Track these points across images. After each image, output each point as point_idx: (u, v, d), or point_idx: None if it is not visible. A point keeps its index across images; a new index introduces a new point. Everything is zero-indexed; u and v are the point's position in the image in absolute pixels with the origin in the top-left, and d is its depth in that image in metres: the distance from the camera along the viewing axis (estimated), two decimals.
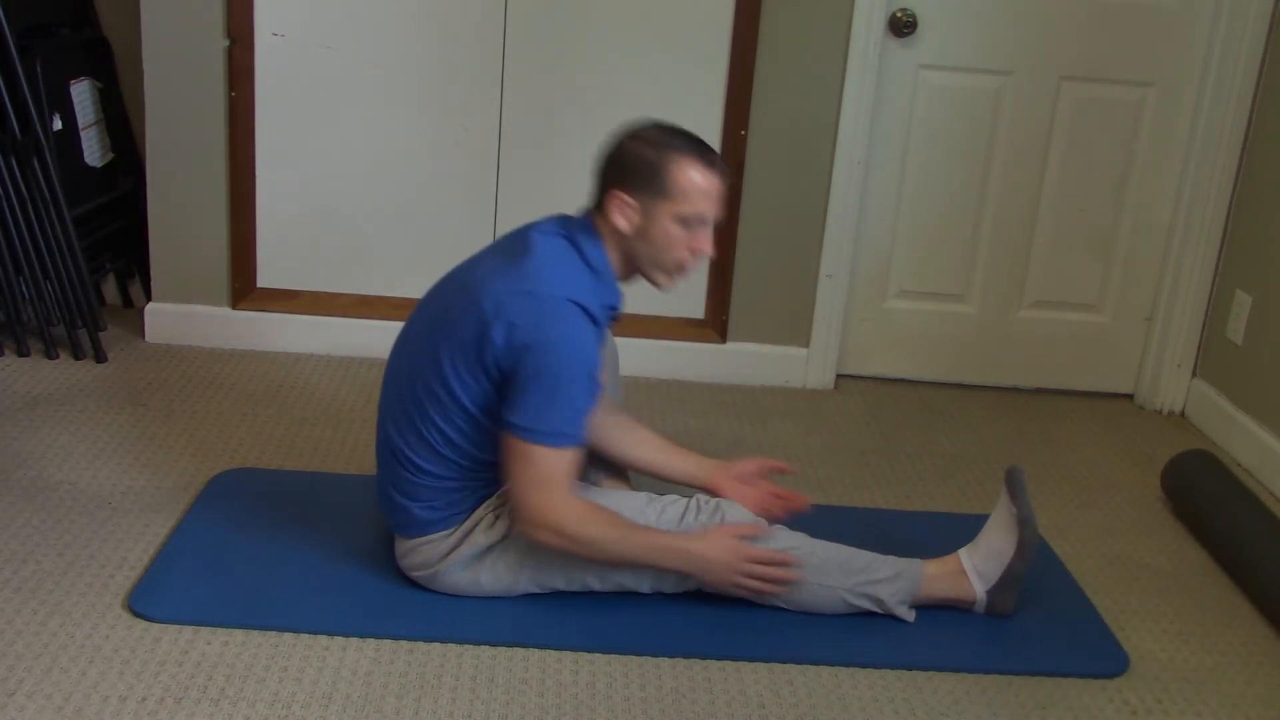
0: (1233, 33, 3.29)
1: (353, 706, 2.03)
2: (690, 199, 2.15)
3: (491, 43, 3.28)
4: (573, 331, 2.12)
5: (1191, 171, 3.43)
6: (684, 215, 2.15)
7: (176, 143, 3.33)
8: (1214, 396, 3.43)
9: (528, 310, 2.11)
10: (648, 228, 2.17)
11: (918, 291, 3.58)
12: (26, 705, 1.96)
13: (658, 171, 2.15)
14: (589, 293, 2.16)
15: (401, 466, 2.26)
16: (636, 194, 2.16)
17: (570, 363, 2.11)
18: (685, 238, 2.17)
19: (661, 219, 2.16)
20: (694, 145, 2.18)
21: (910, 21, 3.31)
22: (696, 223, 2.17)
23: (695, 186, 2.15)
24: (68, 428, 2.91)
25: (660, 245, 2.18)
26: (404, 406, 2.25)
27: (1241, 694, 2.27)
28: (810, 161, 3.39)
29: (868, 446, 3.20)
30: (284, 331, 3.47)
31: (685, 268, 2.22)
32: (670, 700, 2.11)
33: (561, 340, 2.11)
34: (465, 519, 2.26)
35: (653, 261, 2.21)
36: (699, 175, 2.15)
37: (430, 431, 2.21)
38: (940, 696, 2.17)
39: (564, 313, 2.12)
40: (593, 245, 2.20)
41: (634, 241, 2.19)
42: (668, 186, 2.15)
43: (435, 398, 2.19)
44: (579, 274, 2.17)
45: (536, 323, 2.10)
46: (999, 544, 2.35)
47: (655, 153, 2.16)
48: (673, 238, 2.17)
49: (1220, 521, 2.71)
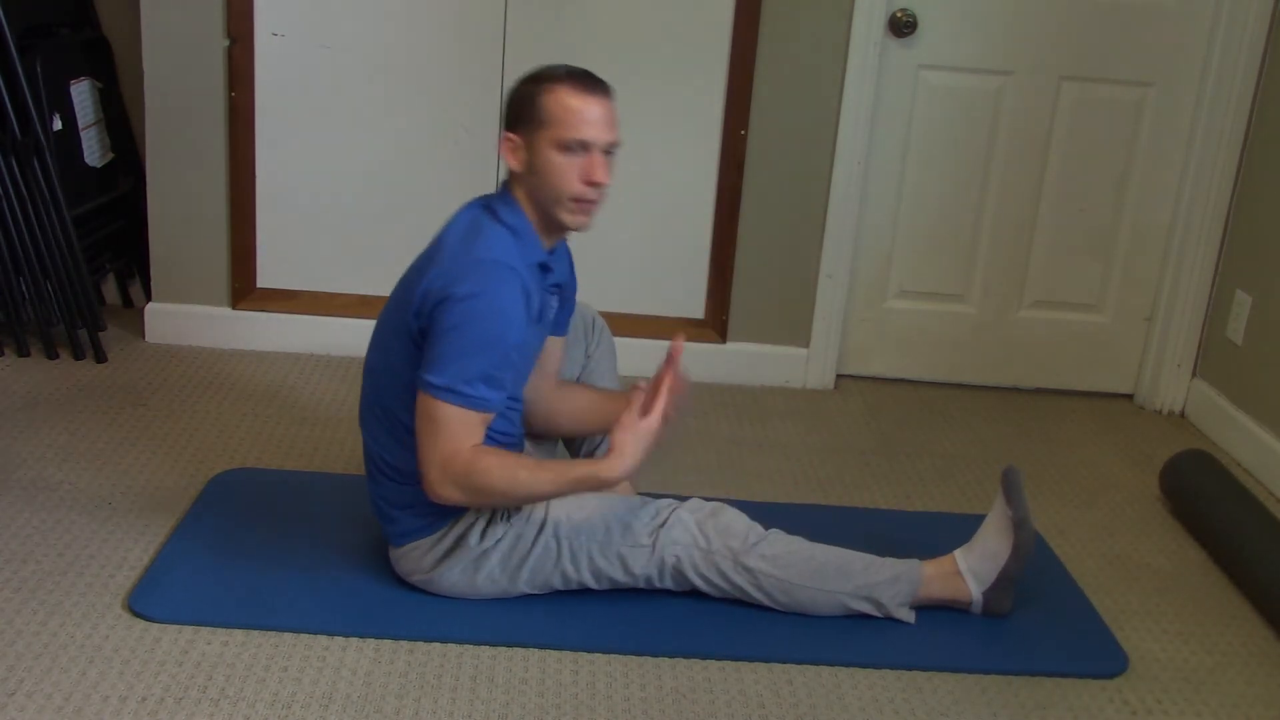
0: (1233, 33, 3.29)
1: (353, 706, 2.03)
2: (565, 123, 2.12)
3: (491, 43, 3.28)
4: (489, 289, 2.09)
5: (1191, 171, 3.43)
6: (562, 140, 2.12)
7: (176, 143, 3.33)
8: (1214, 396, 3.43)
9: (443, 272, 2.12)
10: (533, 161, 2.15)
11: (918, 291, 3.58)
12: (26, 705, 1.96)
13: (533, 102, 2.14)
14: (512, 252, 2.14)
15: (382, 474, 2.27)
16: (519, 130, 2.16)
17: (482, 318, 2.08)
18: (571, 166, 2.14)
19: (543, 149, 2.14)
20: (568, 73, 2.16)
21: (910, 21, 3.31)
22: (578, 148, 2.13)
23: (568, 110, 2.12)
24: (68, 428, 2.91)
25: (548, 177, 2.15)
26: (375, 412, 2.27)
27: (1241, 694, 2.27)
28: (810, 161, 3.39)
29: (868, 446, 3.20)
30: (284, 331, 3.47)
31: (583, 199, 2.16)
32: (670, 700, 2.11)
33: (474, 297, 2.08)
34: (451, 522, 2.25)
35: (550, 198, 2.17)
36: (573, 98, 2.13)
37: (400, 432, 2.21)
38: (940, 696, 2.17)
39: (481, 271, 2.10)
40: (508, 208, 2.19)
41: (529, 180, 2.17)
42: (542, 114, 2.13)
43: (398, 396, 2.20)
44: (496, 235, 2.15)
45: (451, 280, 2.10)
46: (994, 546, 2.35)
47: (531, 85, 2.16)
48: (557, 166, 2.14)
49: (1219, 521, 2.71)
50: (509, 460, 2.17)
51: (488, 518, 2.25)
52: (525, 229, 2.19)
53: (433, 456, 2.12)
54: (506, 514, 2.24)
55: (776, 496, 2.87)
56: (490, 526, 2.25)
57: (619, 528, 2.27)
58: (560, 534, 2.26)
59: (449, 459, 2.11)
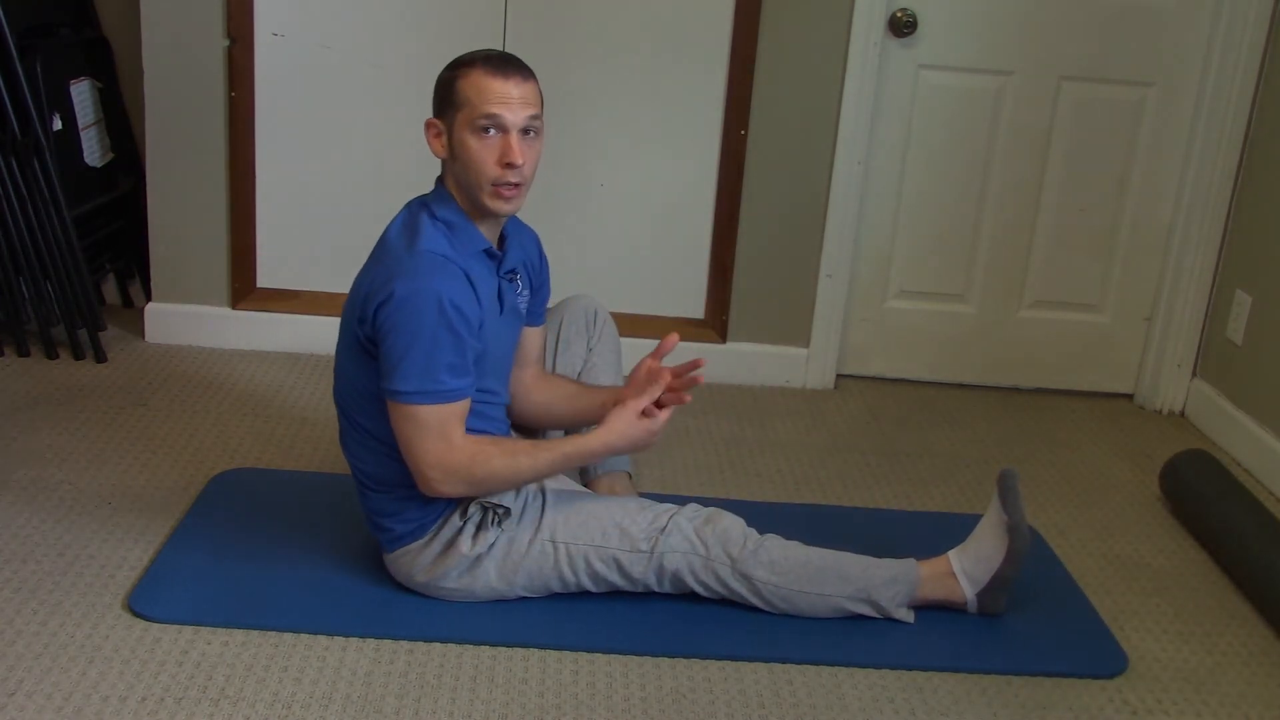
0: (1233, 33, 3.29)
1: (353, 706, 2.03)
2: (477, 104, 2.12)
3: (491, 42, 3.28)
4: (425, 282, 2.08)
5: (1191, 171, 3.43)
6: (475, 121, 2.12)
7: (176, 143, 3.33)
8: (1214, 396, 3.43)
9: (378, 277, 2.12)
10: (453, 146, 2.16)
11: (918, 291, 3.58)
12: (26, 705, 1.96)
13: (450, 86, 2.15)
14: (438, 241, 2.14)
15: (364, 486, 2.28)
16: (439, 117, 2.17)
17: (426, 310, 2.07)
18: (488, 148, 2.13)
19: (460, 132, 2.14)
20: (483, 56, 2.16)
21: (910, 21, 3.31)
22: (493, 128, 2.13)
23: (481, 90, 2.12)
24: (68, 428, 2.91)
25: (467, 160, 2.14)
26: (344, 424, 2.28)
27: (1241, 694, 2.27)
28: (810, 161, 3.39)
29: (868, 446, 3.20)
30: (284, 331, 3.47)
31: (501, 181, 2.14)
32: (670, 700, 2.11)
33: (414, 294, 2.08)
34: (437, 525, 2.25)
35: (470, 182, 2.16)
36: (485, 79, 2.12)
37: (370, 442, 2.22)
38: (940, 696, 2.17)
39: (412, 267, 2.10)
40: (440, 203, 2.19)
41: (454, 168, 2.18)
42: (458, 97, 2.14)
43: (358, 405, 2.22)
44: (429, 231, 2.15)
45: (386, 280, 2.10)
46: (988, 548, 2.35)
47: (450, 71, 2.17)
48: (474, 149, 2.13)
49: (1219, 521, 2.71)
50: (507, 446, 2.19)
51: (477, 523, 2.24)
52: (459, 221, 2.19)
53: (426, 459, 2.12)
54: (498, 519, 2.24)
55: (776, 496, 2.87)
56: (480, 532, 2.24)
57: (616, 532, 2.27)
58: (557, 538, 2.26)
59: (443, 456, 2.12)
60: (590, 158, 3.40)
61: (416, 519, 2.24)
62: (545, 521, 2.27)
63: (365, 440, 2.24)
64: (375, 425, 2.21)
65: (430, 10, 3.27)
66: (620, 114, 3.37)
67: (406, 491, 2.22)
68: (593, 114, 3.34)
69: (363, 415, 2.22)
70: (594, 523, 2.27)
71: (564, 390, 2.49)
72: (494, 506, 2.23)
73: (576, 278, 3.23)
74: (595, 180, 3.41)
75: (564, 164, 3.34)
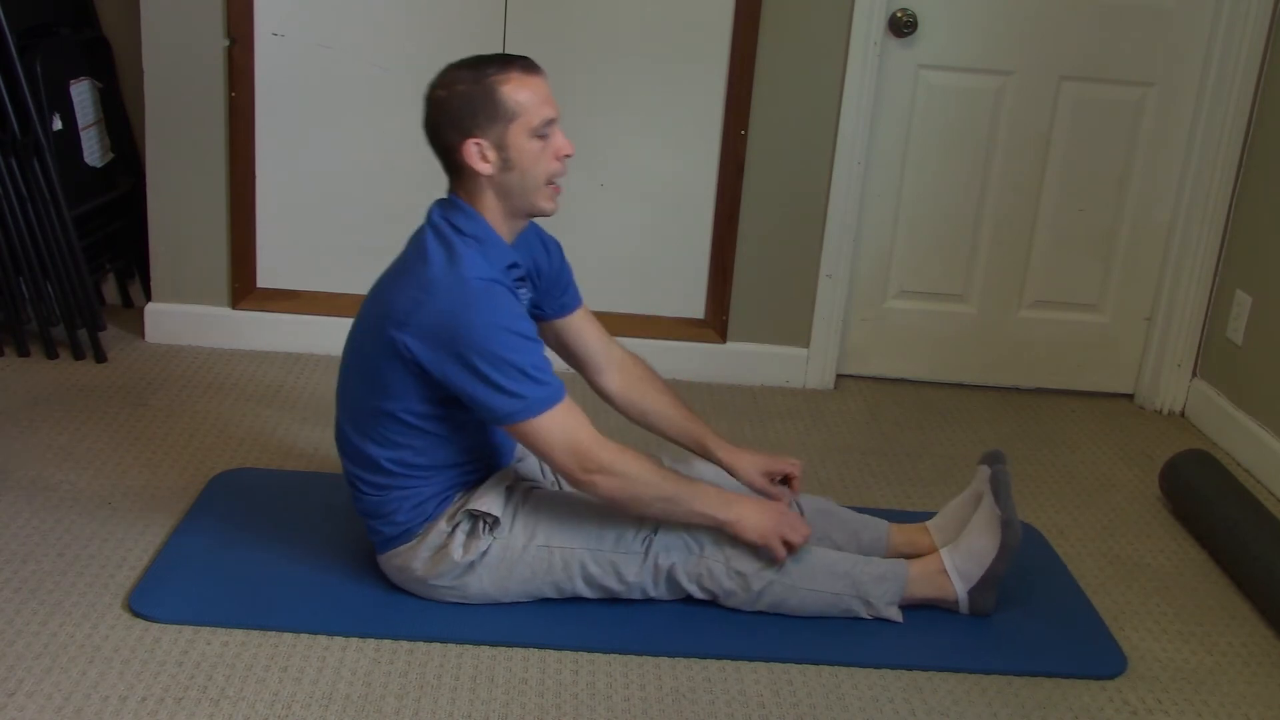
0: (1233, 33, 3.29)
1: (353, 706, 2.03)
2: (533, 109, 2.13)
3: (491, 42, 3.28)
4: (475, 303, 2.09)
5: (1191, 171, 3.43)
6: (534, 127, 2.13)
7: (176, 143, 3.33)
8: (1214, 396, 3.43)
9: (435, 313, 2.09)
10: (509, 156, 2.14)
11: (918, 291, 3.58)
12: (26, 705, 1.96)
13: (491, 100, 2.12)
14: (479, 264, 2.13)
15: (355, 487, 2.28)
16: (483, 132, 2.13)
17: (493, 332, 2.08)
18: (545, 149, 2.16)
19: (518, 141, 2.13)
20: (504, 61, 2.15)
21: (910, 21, 3.31)
22: (547, 130, 2.15)
23: (530, 95, 2.13)
24: (68, 428, 2.91)
25: (528, 167, 2.15)
26: (342, 426, 2.28)
27: (1241, 694, 2.27)
28: (810, 161, 3.39)
29: (868, 446, 3.20)
30: (284, 331, 3.47)
31: (557, 177, 2.19)
32: (670, 700, 2.11)
33: (474, 320, 2.08)
34: (423, 529, 2.24)
35: (529, 187, 2.17)
36: (527, 84, 2.13)
37: (364, 441, 2.22)
38: (940, 696, 2.17)
39: (461, 293, 2.09)
40: (467, 219, 2.17)
41: (503, 178, 2.16)
42: (505, 108, 2.12)
43: (365, 409, 2.21)
44: (464, 251, 2.14)
45: (445, 320, 2.08)
46: (980, 545, 2.35)
47: (477, 86, 2.12)
48: (534, 153, 2.14)
49: (1219, 521, 2.71)
50: (654, 462, 2.23)
51: (467, 531, 2.24)
52: (488, 235, 2.18)
53: (569, 463, 2.14)
54: (488, 527, 2.24)
55: None
56: (471, 540, 2.24)
57: (611, 535, 2.27)
58: (551, 543, 2.26)
59: (587, 449, 2.13)
60: (590, 158, 3.39)
61: (404, 522, 2.24)
62: (538, 527, 2.27)
63: (373, 454, 2.21)
64: (386, 443, 2.21)
65: (430, 10, 3.27)
66: (620, 114, 3.37)
67: (396, 494, 2.23)
68: (593, 114, 3.34)
69: (378, 430, 2.20)
70: (587, 525, 2.28)
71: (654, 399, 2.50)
72: (484, 515, 2.23)
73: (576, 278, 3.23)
74: (595, 180, 3.41)
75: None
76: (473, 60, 2.16)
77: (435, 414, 2.19)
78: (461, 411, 2.19)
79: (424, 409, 2.18)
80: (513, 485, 2.32)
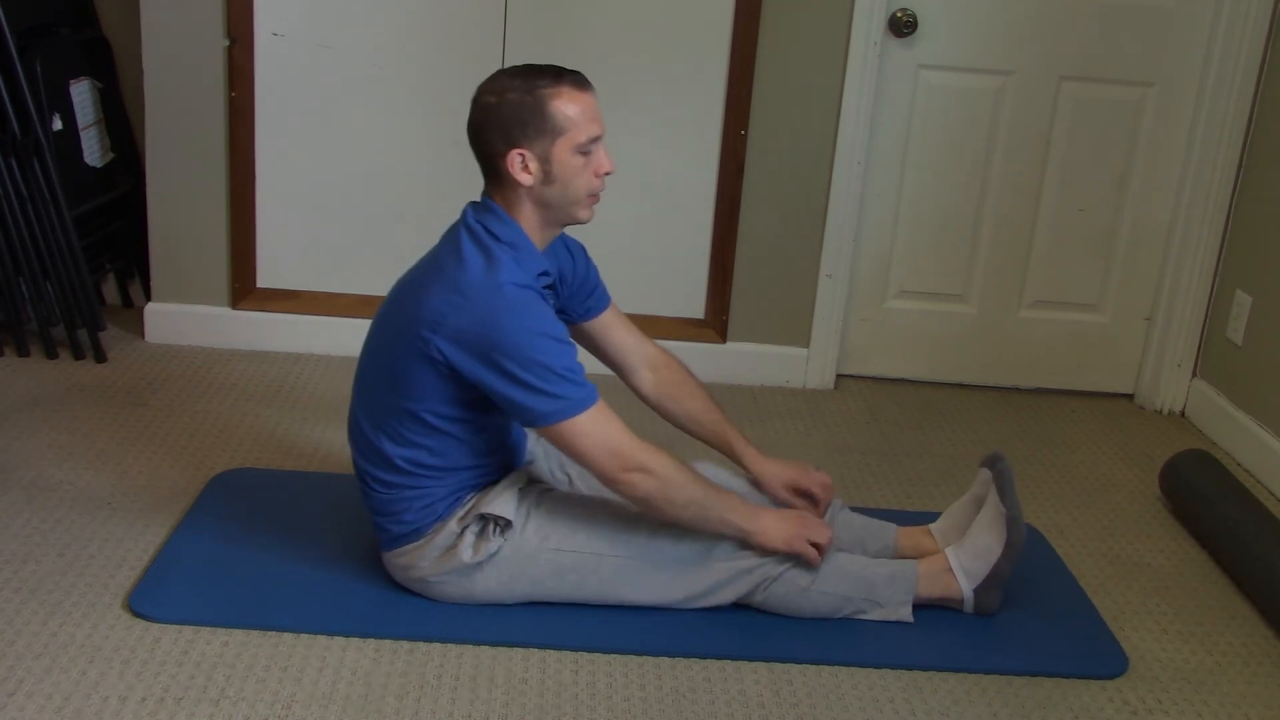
0: (1233, 33, 3.29)
1: (353, 706, 2.03)
2: (581, 126, 2.13)
3: (491, 42, 3.28)
4: (510, 309, 2.09)
5: (1191, 171, 3.43)
6: (580, 143, 2.13)
7: (176, 143, 3.33)
8: (1214, 396, 3.43)
9: (470, 316, 2.09)
10: (552, 170, 2.14)
11: (918, 291, 3.58)
12: (26, 705, 1.96)
13: (540, 113, 2.11)
14: (515, 270, 2.14)
15: (365, 484, 2.27)
16: (529, 144, 2.12)
17: (528, 336, 2.09)
18: (588, 165, 2.16)
19: (562, 156, 2.13)
20: (557, 74, 2.14)
21: (910, 21, 3.31)
22: (593, 144, 2.16)
23: (580, 113, 2.13)
24: (68, 428, 2.91)
25: (569, 182, 2.15)
26: (358, 422, 2.26)
27: (1241, 694, 2.27)
28: (810, 161, 3.39)
29: (868, 446, 3.20)
30: (284, 331, 3.47)
31: (597, 192, 2.20)
32: (670, 700, 2.11)
33: (509, 325, 2.08)
34: (433, 529, 2.24)
35: (568, 200, 2.17)
36: (577, 100, 2.13)
37: (380, 438, 2.22)
38: (940, 696, 2.18)
39: (498, 300, 2.09)
40: (503, 225, 2.17)
41: (543, 190, 2.16)
42: (557, 123, 2.11)
43: (386, 407, 2.20)
44: (501, 258, 2.14)
45: (480, 325, 2.08)
46: (985, 542, 2.35)
47: (528, 97, 2.12)
48: (577, 169, 2.15)
49: (1219, 521, 2.71)
50: (686, 466, 2.23)
51: (477, 532, 2.24)
52: (522, 243, 2.18)
53: (607, 463, 2.14)
54: (499, 529, 2.24)
55: None
56: (482, 541, 2.24)
57: (622, 542, 2.27)
58: (564, 546, 2.26)
59: (623, 450, 2.14)
60: None
61: (412, 521, 2.24)
62: (551, 530, 2.26)
63: (388, 452, 2.21)
64: (404, 443, 2.20)
65: (430, 10, 3.27)
66: (620, 114, 3.35)
67: (408, 493, 2.22)
68: None
69: (395, 427, 2.20)
70: (601, 530, 2.27)
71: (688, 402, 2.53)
72: (495, 517, 2.23)
73: None
74: None
75: None
76: (525, 69, 2.16)
77: (458, 416, 2.18)
78: (483, 415, 2.19)
79: (448, 410, 2.17)
80: (525, 488, 2.32)
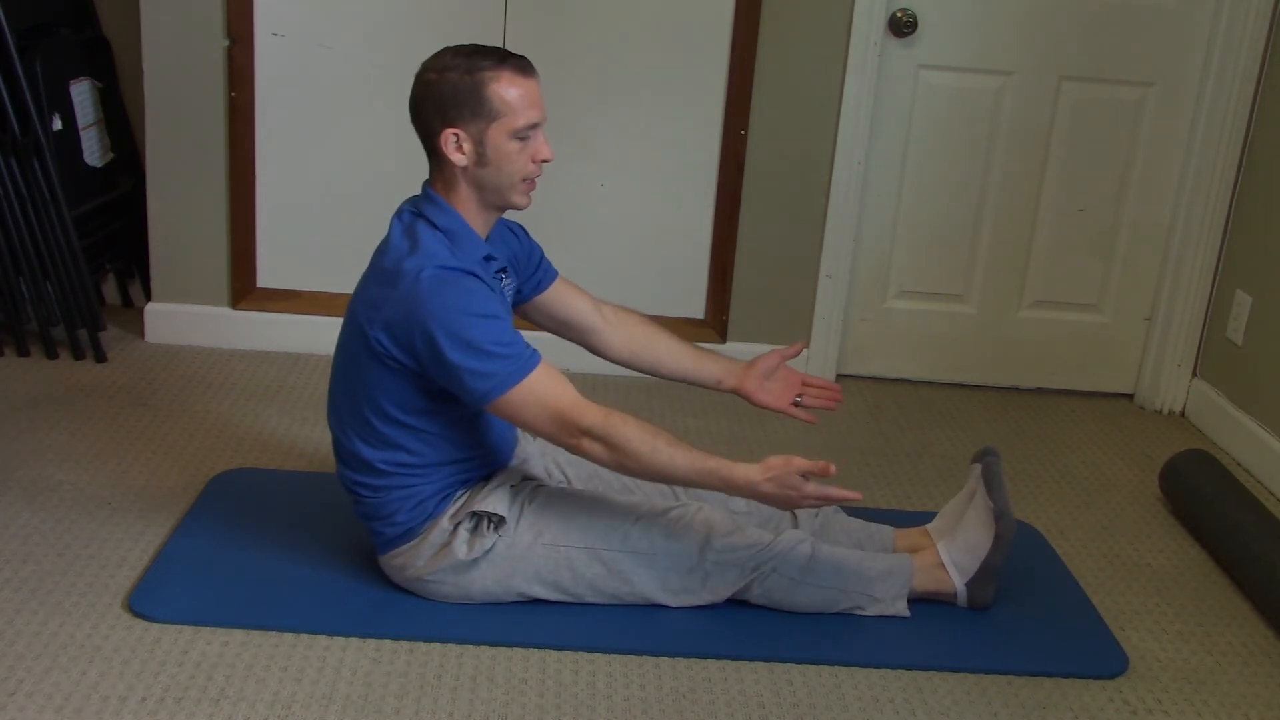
0: (1233, 33, 3.29)
1: (353, 706, 2.03)
2: (519, 111, 2.11)
3: (491, 42, 3.27)
4: (431, 291, 2.07)
5: (1191, 171, 3.43)
6: (516, 128, 2.12)
7: (176, 143, 3.33)
8: (1214, 396, 3.43)
9: (395, 304, 2.09)
10: (485, 153, 2.13)
11: (918, 291, 3.58)
12: (26, 705, 1.96)
13: (478, 94, 2.10)
14: (443, 253, 2.12)
15: (352, 492, 2.28)
16: (464, 125, 2.11)
17: (450, 315, 2.06)
18: (523, 150, 2.14)
19: (497, 140, 2.12)
20: (501, 57, 2.13)
21: (910, 21, 3.31)
22: (530, 131, 2.14)
23: (519, 97, 2.11)
24: (68, 428, 2.91)
25: (503, 166, 2.14)
26: (335, 429, 2.27)
27: (1241, 694, 2.27)
28: (810, 161, 3.39)
29: (868, 446, 3.20)
30: (284, 331, 3.47)
31: (533, 178, 2.18)
32: (670, 700, 2.11)
33: (431, 307, 2.06)
34: (425, 528, 2.24)
35: (503, 185, 2.16)
36: (518, 86, 2.12)
37: (356, 444, 2.22)
38: (940, 696, 2.18)
39: (417, 285, 2.08)
40: (439, 210, 2.17)
41: (477, 172, 2.14)
42: (493, 106, 2.10)
43: (353, 410, 2.20)
44: (432, 245, 2.13)
45: (408, 311, 2.08)
46: (975, 538, 2.36)
47: (468, 78, 2.10)
48: (511, 154, 2.13)
49: (1219, 521, 2.71)
50: (647, 426, 2.13)
51: (471, 529, 2.24)
52: (460, 228, 2.17)
53: (553, 430, 2.10)
54: (493, 525, 2.24)
55: None
56: (476, 538, 2.24)
57: (618, 536, 2.27)
58: (559, 541, 2.26)
59: (567, 414, 2.08)
60: (590, 158, 3.40)
61: (405, 522, 2.24)
62: (545, 525, 2.26)
63: (364, 453, 2.21)
64: (378, 440, 2.20)
65: (430, 10, 3.27)
66: (620, 114, 3.37)
67: (396, 494, 2.22)
68: (592, 114, 3.34)
69: (366, 426, 2.20)
70: (596, 525, 2.27)
71: (666, 346, 2.49)
72: (488, 514, 2.23)
73: (577, 278, 3.21)
74: (595, 180, 3.41)
75: (564, 164, 3.32)
76: (470, 49, 2.15)
77: (423, 408, 2.18)
78: (446, 405, 2.18)
79: (412, 403, 2.17)
80: (518, 485, 2.32)
